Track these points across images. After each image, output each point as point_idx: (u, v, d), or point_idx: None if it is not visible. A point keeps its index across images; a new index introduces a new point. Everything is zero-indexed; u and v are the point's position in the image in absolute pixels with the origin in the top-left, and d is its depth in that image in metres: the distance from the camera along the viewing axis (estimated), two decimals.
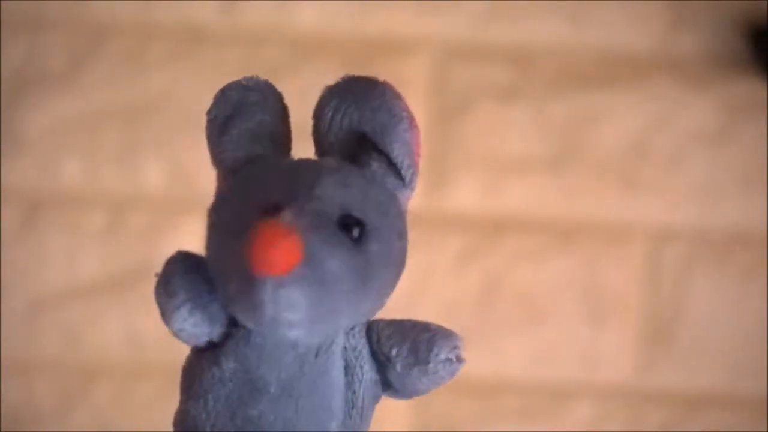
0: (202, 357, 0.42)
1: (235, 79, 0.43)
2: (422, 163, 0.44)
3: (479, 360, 0.94)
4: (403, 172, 0.42)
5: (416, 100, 0.94)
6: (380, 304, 0.42)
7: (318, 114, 0.43)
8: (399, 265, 0.42)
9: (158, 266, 0.44)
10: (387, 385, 0.43)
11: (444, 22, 0.94)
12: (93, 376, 0.94)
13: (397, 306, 0.97)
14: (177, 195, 0.93)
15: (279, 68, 0.92)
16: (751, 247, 0.94)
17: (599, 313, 0.94)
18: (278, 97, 0.43)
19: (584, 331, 0.94)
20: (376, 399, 0.43)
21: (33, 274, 0.94)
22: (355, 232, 0.40)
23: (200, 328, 0.41)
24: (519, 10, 0.94)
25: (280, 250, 0.37)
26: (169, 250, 0.43)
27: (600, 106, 0.94)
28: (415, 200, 1.05)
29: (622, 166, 0.94)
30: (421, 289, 0.94)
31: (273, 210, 0.39)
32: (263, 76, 0.44)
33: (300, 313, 0.39)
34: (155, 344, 0.92)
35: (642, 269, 0.94)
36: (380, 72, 1.04)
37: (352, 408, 0.42)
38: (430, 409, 0.94)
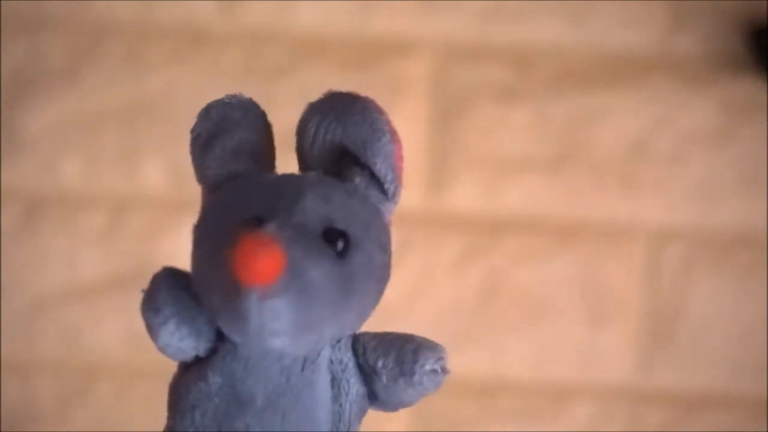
0: (189, 373, 0.42)
1: (233, 82, 0.44)
2: (422, 163, 0.45)
3: (479, 360, 0.94)
4: (386, 185, 0.42)
5: (416, 100, 0.94)
6: (364, 316, 0.42)
7: (301, 130, 0.43)
8: (382, 277, 0.42)
9: (158, 266, 0.44)
10: (373, 398, 0.43)
11: (444, 22, 0.94)
12: (93, 376, 0.94)
13: (397, 306, 0.96)
14: (177, 195, 0.93)
15: (279, 68, 0.92)
16: (751, 247, 0.94)
17: (599, 313, 0.94)
18: (261, 115, 0.44)
19: (584, 331, 0.94)
20: (362, 412, 0.43)
21: (33, 274, 0.94)
22: (339, 245, 0.40)
23: (186, 342, 0.42)
24: (519, 10, 0.94)
25: (264, 260, 0.38)
26: (169, 250, 0.43)
27: (600, 106, 0.94)
28: (415, 200, 1.06)
29: (622, 166, 0.94)
30: (421, 289, 0.94)
31: (255, 223, 0.39)
32: (263, 76, 0.44)
33: (285, 323, 0.39)
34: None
35: (642, 269, 0.94)
36: (380, 72, 1.04)
37: (339, 421, 0.42)
38: (430, 409, 0.94)
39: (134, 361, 0.93)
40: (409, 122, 0.93)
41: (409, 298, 0.93)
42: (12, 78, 0.93)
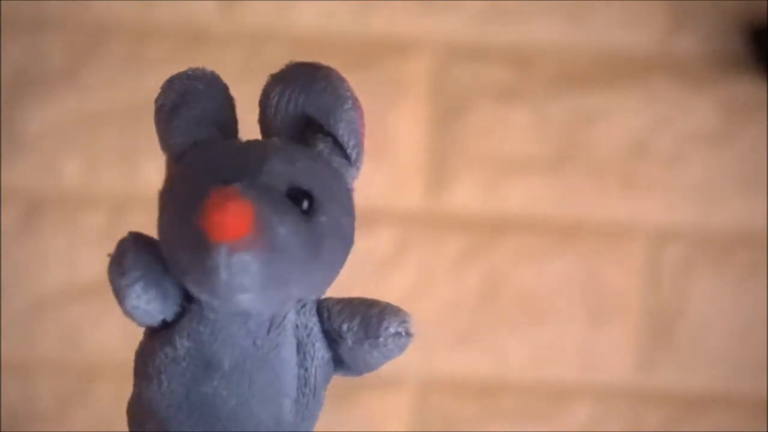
0: (155, 338, 0.43)
1: (233, 82, 0.45)
2: (422, 163, 0.45)
3: (479, 360, 0.94)
4: (348, 150, 0.43)
5: (416, 100, 0.94)
6: (330, 278, 0.42)
7: (263, 101, 0.44)
8: (347, 240, 0.42)
9: None
10: (339, 363, 0.44)
11: (444, 22, 0.94)
12: (93, 376, 0.94)
13: (397, 305, 0.95)
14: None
15: (279, 68, 0.92)
16: (751, 247, 0.94)
17: (599, 313, 0.94)
18: (223, 87, 0.44)
19: (584, 331, 0.94)
20: (328, 377, 0.44)
21: (33, 274, 0.94)
22: (304, 205, 0.41)
23: (154, 305, 0.42)
24: (519, 10, 0.94)
25: (232, 215, 0.38)
26: None
27: (600, 106, 0.94)
28: (415, 200, 1.06)
29: (622, 166, 0.94)
30: (421, 289, 0.94)
31: (223, 183, 0.40)
32: (263, 76, 0.45)
33: (253, 278, 0.39)
34: None
35: (642, 269, 0.94)
36: (380, 72, 1.04)
37: (305, 386, 0.43)
38: (430, 409, 0.94)
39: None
40: (409, 122, 0.94)
41: (409, 298, 0.93)
42: (12, 78, 0.93)
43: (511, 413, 0.95)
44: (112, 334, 0.94)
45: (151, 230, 1.00)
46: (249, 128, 0.45)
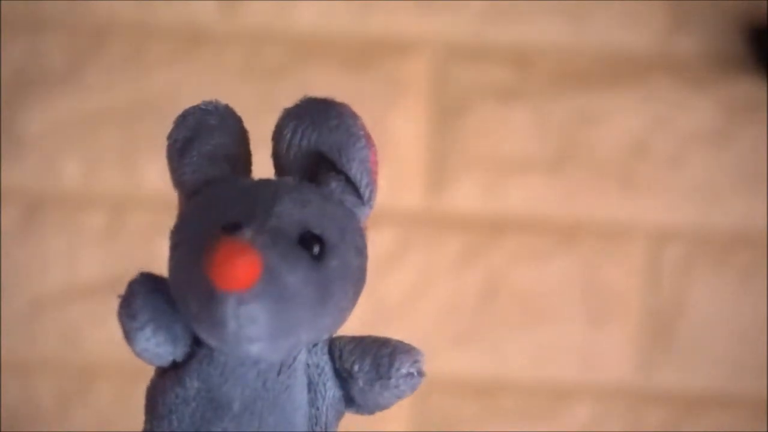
0: (165, 378, 0.43)
1: (233, 82, 0.44)
2: (422, 163, 0.45)
3: (479, 360, 0.94)
4: (361, 190, 0.42)
5: (416, 100, 0.94)
6: (341, 320, 0.42)
7: (277, 136, 0.43)
8: (358, 281, 0.42)
9: (158, 266, 0.44)
10: (350, 401, 0.44)
11: (444, 22, 0.94)
12: (93, 376, 0.94)
13: (397, 306, 0.96)
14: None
15: (279, 68, 0.92)
16: (751, 247, 0.94)
17: (599, 313, 0.94)
18: (237, 120, 0.44)
19: (584, 331, 0.94)
20: (339, 415, 0.44)
21: (33, 274, 0.94)
22: (315, 249, 0.40)
23: (163, 348, 0.42)
24: (519, 10, 0.94)
25: (240, 266, 0.38)
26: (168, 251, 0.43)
27: (600, 106, 0.94)
28: (415, 200, 1.06)
29: (622, 166, 0.94)
30: (421, 289, 0.94)
31: (232, 228, 0.39)
32: (263, 76, 0.45)
33: (261, 329, 0.39)
34: None
35: (642, 269, 0.94)
36: (380, 72, 1.04)
37: (315, 424, 0.43)
38: (430, 409, 0.94)
39: (134, 361, 0.93)
40: (409, 122, 0.93)
41: (409, 298, 0.93)
42: (12, 78, 0.93)
43: (511, 413, 0.95)
44: (112, 334, 0.93)
45: (151, 230, 1.00)
46: (250, 130, 0.45)
